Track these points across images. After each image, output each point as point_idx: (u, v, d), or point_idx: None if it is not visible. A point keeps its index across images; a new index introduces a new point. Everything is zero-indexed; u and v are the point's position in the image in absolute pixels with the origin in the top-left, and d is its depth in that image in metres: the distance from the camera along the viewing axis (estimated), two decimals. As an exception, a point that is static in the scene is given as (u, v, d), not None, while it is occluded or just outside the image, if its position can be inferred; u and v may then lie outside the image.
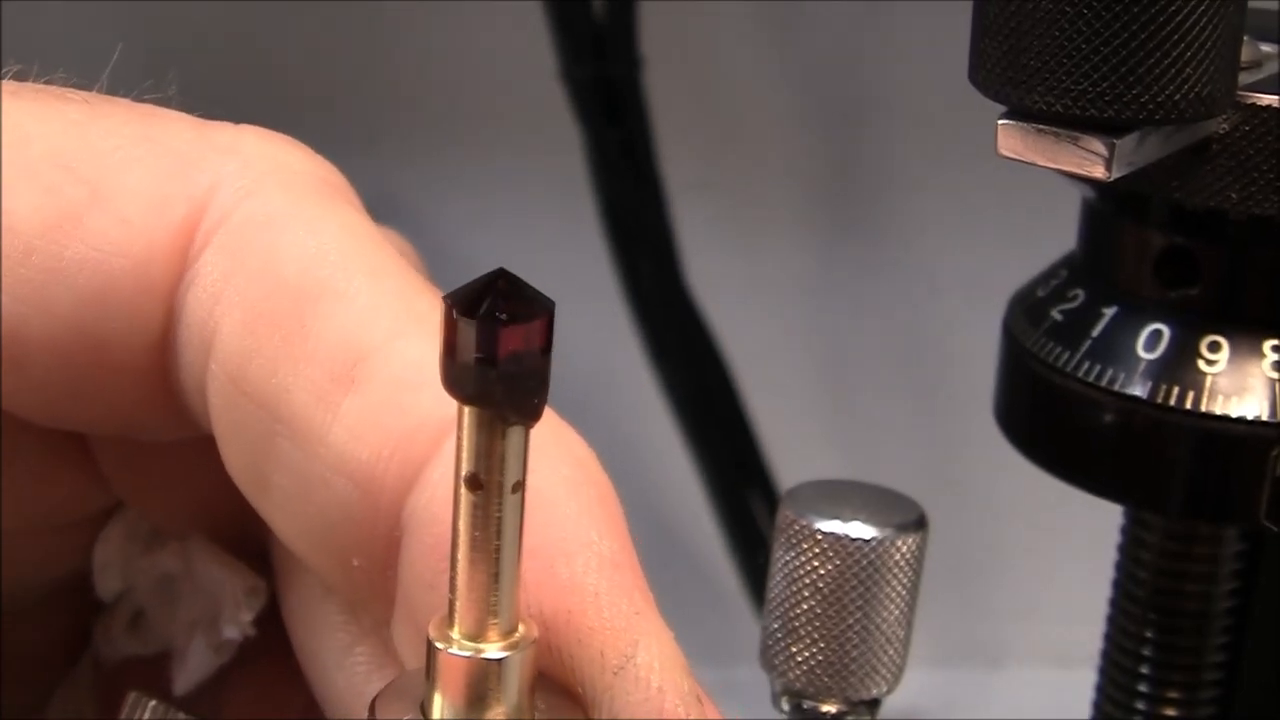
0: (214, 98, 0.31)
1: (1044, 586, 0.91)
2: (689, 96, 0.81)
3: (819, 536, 0.31)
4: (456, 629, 0.23)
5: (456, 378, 0.21)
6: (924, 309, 0.86)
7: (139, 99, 0.30)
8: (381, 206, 0.30)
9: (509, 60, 0.80)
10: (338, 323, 0.26)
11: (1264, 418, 0.35)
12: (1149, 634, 0.40)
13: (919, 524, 0.31)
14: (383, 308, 0.27)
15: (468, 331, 0.21)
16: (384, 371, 0.26)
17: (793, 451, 0.81)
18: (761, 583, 0.80)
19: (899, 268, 0.86)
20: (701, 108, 0.83)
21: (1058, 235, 0.41)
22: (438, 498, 0.25)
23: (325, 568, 0.27)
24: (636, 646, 0.25)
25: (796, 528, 0.31)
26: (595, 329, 0.81)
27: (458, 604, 0.23)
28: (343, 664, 0.30)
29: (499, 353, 0.21)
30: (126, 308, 0.27)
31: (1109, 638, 0.41)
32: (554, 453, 0.26)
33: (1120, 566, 0.41)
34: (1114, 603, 0.41)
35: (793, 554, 0.31)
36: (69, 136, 0.28)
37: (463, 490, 0.22)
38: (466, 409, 0.22)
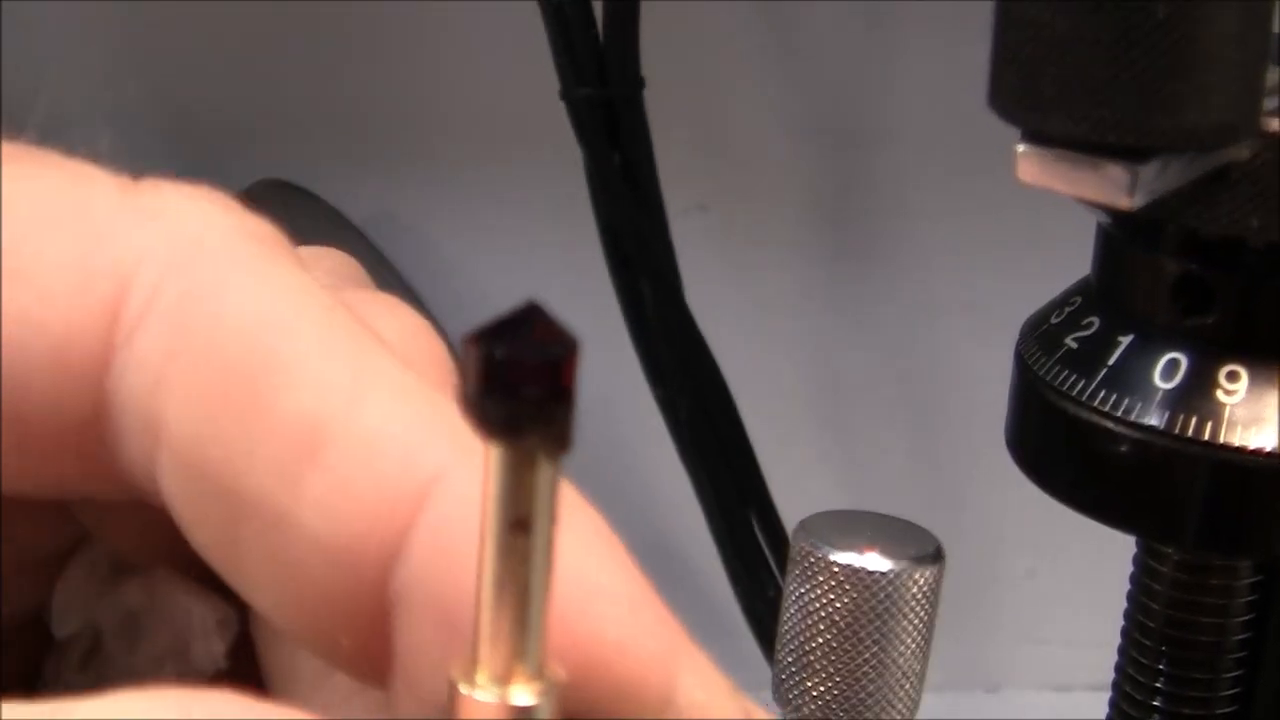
0: (222, 123, 0.30)
1: (1044, 611, 0.91)
2: (689, 119, 0.81)
3: (835, 569, 0.30)
4: (482, 673, 0.22)
5: (491, 416, 0.20)
6: (924, 332, 0.86)
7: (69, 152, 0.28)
8: (384, 227, 0.30)
9: (511, 81, 0.80)
10: (292, 396, 0.25)
11: (1281, 449, 0.35)
12: (1161, 665, 0.40)
13: (936, 556, 0.31)
14: (338, 371, 0.25)
15: (504, 367, 0.20)
16: (347, 442, 0.24)
17: (793, 475, 0.81)
18: (761, 607, 0.79)
19: (899, 291, 0.86)
20: (702, 131, 0.83)
21: (1060, 259, 0.41)
22: (430, 571, 0.24)
23: (311, 645, 0.26)
24: (678, 678, 0.25)
25: (811, 560, 0.30)
26: (596, 351, 0.81)
27: (484, 648, 0.22)
28: (320, 687, 0.29)
29: (539, 387, 0.20)
30: (46, 389, 0.25)
31: (1120, 668, 0.41)
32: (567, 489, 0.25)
33: (1132, 597, 0.41)
34: (1126, 633, 0.41)
35: (807, 586, 0.31)
36: None
37: (495, 530, 0.21)
38: (497, 447, 0.21)
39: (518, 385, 0.20)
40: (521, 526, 0.21)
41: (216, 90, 0.81)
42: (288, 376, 0.25)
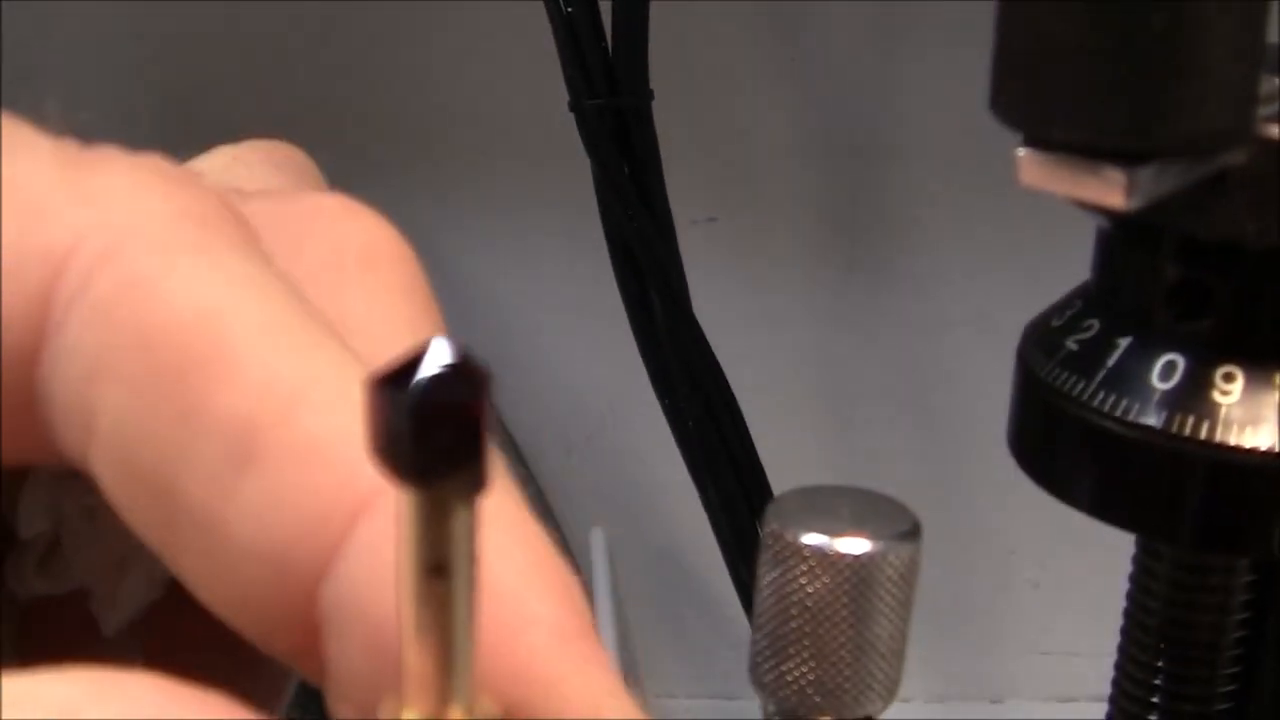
0: (227, 131, 0.30)
1: (1047, 622, 0.91)
2: (698, 131, 0.82)
3: (805, 553, 0.29)
4: (411, 713, 0.21)
5: (402, 463, 0.19)
6: (932, 344, 0.87)
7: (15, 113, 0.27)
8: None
9: (520, 92, 0.81)
10: (227, 397, 0.23)
11: (1277, 449, 0.36)
12: (1160, 664, 0.40)
13: (912, 533, 0.30)
14: (280, 371, 0.23)
15: (407, 411, 0.19)
16: (283, 449, 0.23)
17: (799, 483, 0.81)
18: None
19: (907, 303, 0.86)
20: (710, 142, 0.83)
21: (1066, 268, 0.42)
22: (359, 588, 0.23)
23: (247, 635, 0.25)
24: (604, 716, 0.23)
25: (782, 543, 0.30)
26: (604, 360, 0.81)
27: (411, 690, 0.21)
28: None
29: (451, 430, 0.19)
30: None
31: (1119, 667, 0.41)
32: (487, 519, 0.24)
33: (1131, 596, 0.41)
34: (1125, 632, 0.41)
35: (779, 570, 0.29)
36: None
37: (412, 576, 0.20)
38: (410, 491, 0.20)
39: (428, 430, 0.19)
40: (439, 571, 0.20)
41: (222, 98, 0.82)
42: (223, 375, 0.23)
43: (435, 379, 0.19)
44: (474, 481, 0.19)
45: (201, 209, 0.25)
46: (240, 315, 0.24)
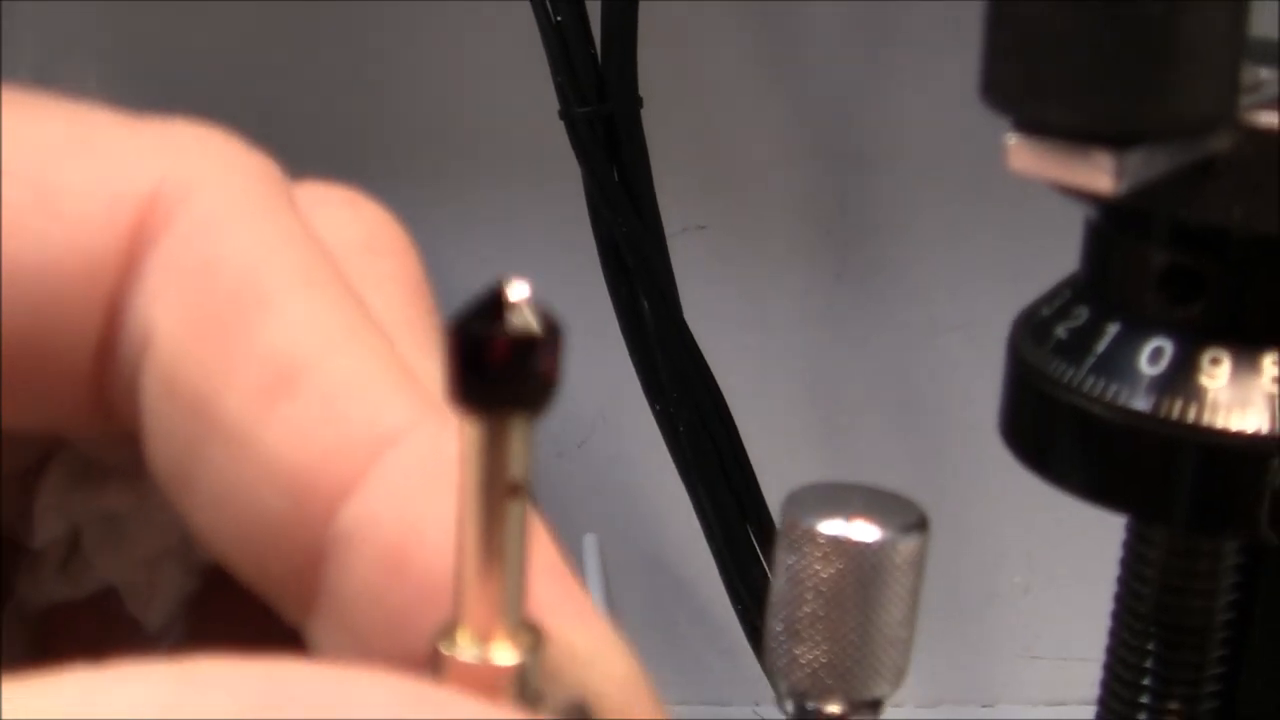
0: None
1: (1038, 626, 0.92)
2: (687, 138, 0.82)
3: (821, 540, 0.30)
4: (465, 634, 0.23)
5: (482, 393, 0.21)
6: (922, 351, 0.87)
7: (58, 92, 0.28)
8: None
9: (510, 99, 0.81)
10: (274, 333, 0.25)
11: (1264, 431, 0.36)
12: (1150, 647, 0.41)
13: (921, 525, 0.31)
14: (320, 319, 0.26)
15: (492, 346, 0.21)
16: (320, 382, 0.25)
17: (790, 488, 0.81)
18: (761, 623, 0.81)
19: (897, 309, 0.86)
20: (700, 149, 0.84)
21: (1054, 273, 0.42)
22: (380, 510, 0.25)
23: (241, 568, 0.26)
24: (600, 645, 0.25)
25: (799, 531, 0.31)
26: (595, 365, 0.82)
27: (470, 611, 0.22)
28: None
29: (528, 361, 0.21)
30: (75, 313, 0.26)
31: (1110, 651, 0.42)
32: None
33: (1123, 582, 0.42)
34: (1116, 617, 0.42)
35: (795, 557, 0.31)
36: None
37: (486, 498, 0.22)
38: (488, 419, 0.21)
39: (516, 361, 0.21)
40: (513, 492, 0.22)
41: (216, 106, 0.82)
42: (274, 311, 0.26)
43: (518, 313, 0.21)
44: (543, 404, 0.21)
45: (260, 166, 0.28)
46: (292, 263, 0.26)
